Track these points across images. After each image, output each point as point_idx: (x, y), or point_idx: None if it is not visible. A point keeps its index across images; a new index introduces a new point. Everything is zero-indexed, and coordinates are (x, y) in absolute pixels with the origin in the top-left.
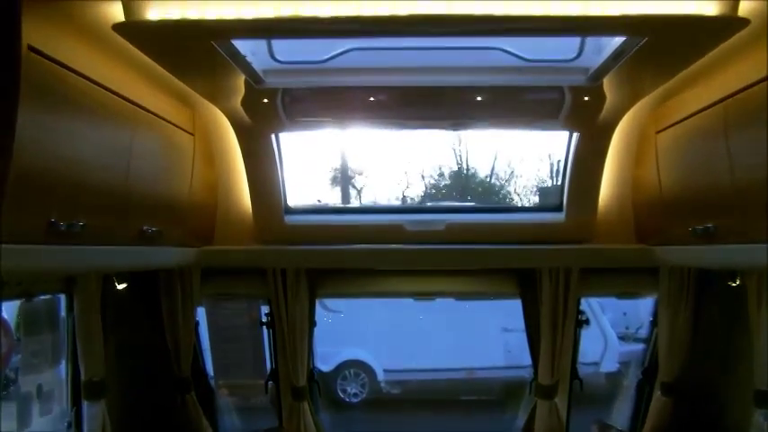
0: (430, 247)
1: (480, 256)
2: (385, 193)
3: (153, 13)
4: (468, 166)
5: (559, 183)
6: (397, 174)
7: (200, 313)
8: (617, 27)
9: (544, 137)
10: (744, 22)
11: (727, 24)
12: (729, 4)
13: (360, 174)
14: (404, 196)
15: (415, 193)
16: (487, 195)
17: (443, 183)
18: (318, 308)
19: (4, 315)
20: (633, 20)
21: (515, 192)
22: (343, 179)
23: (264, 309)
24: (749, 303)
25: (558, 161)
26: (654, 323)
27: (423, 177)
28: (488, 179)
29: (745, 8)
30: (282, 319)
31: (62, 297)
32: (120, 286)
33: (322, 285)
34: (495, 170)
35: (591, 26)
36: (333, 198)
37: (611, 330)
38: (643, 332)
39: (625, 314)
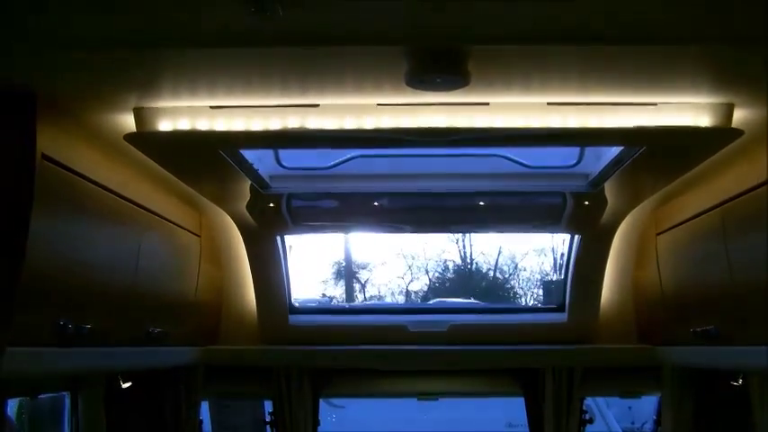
0: (433, 348)
1: (483, 356)
2: (389, 287)
3: (163, 125)
4: (472, 260)
5: (562, 276)
6: (401, 268)
7: (204, 410)
8: (614, 138)
9: None
10: (737, 132)
11: (721, 135)
12: (724, 114)
13: (363, 268)
14: (408, 291)
15: (419, 287)
16: (491, 291)
17: (448, 276)
18: (321, 403)
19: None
20: (630, 131)
21: (519, 286)
22: (347, 273)
23: (268, 407)
24: (752, 403)
25: (562, 254)
26: (657, 421)
27: (427, 272)
28: (492, 273)
29: (739, 118)
30: (286, 419)
31: (66, 395)
32: (125, 385)
33: (326, 385)
34: (500, 264)
35: (589, 137)
36: (337, 291)
37: (617, 425)
38: (648, 427)
39: (630, 408)
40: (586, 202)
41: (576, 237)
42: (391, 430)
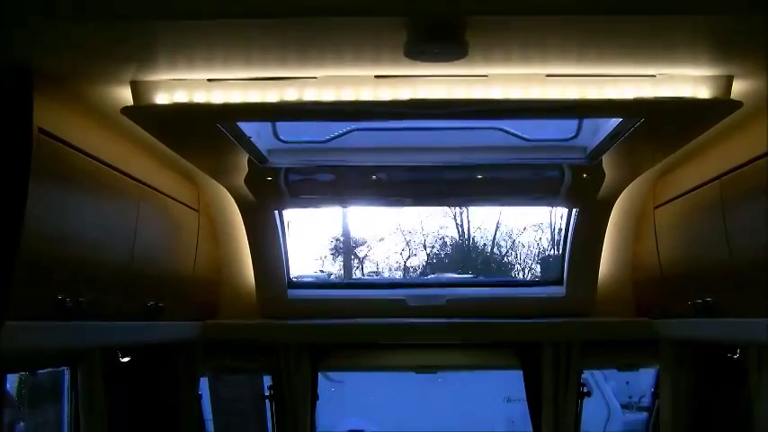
0: (431, 322)
1: (481, 330)
2: (387, 262)
3: (160, 98)
4: (469, 236)
5: (560, 252)
6: (399, 244)
7: (203, 385)
8: (613, 109)
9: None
10: (736, 104)
11: (720, 106)
12: (723, 86)
13: (362, 244)
14: (406, 266)
15: (417, 263)
16: (489, 266)
17: (445, 253)
18: (320, 378)
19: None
20: (629, 103)
21: (517, 262)
22: (346, 249)
23: (267, 381)
24: (749, 376)
25: (559, 229)
26: (655, 394)
27: (425, 248)
28: (490, 249)
29: (738, 89)
30: (285, 393)
31: (66, 370)
32: (124, 360)
33: (324, 359)
34: (497, 240)
35: (588, 109)
36: (335, 268)
37: (615, 399)
38: (646, 401)
39: (628, 383)
40: (584, 175)
41: (574, 210)
42: (389, 404)
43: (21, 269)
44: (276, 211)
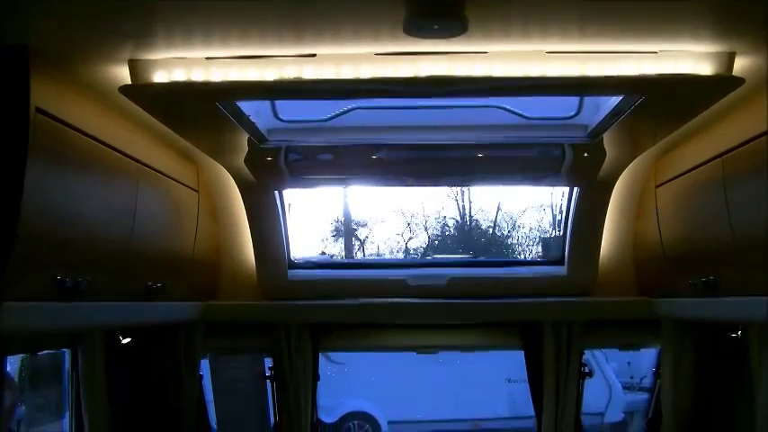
0: (432, 302)
1: (482, 310)
2: (388, 244)
3: (158, 76)
4: (471, 217)
5: (561, 233)
6: (400, 225)
7: (204, 366)
8: (614, 87)
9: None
10: (738, 81)
11: (722, 83)
12: (725, 63)
13: (363, 226)
14: (407, 248)
15: (418, 244)
16: (490, 248)
17: (447, 234)
18: (321, 359)
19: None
20: (630, 80)
21: (518, 243)
22: (346, 231)
23: (268, 362)
24: (751, 355)
25: (561, 210)
26: (657, 374)
27: (426, 229)
28: (491, 230)
29: (740, 66)
30: (286, 374)
31: (66, 352)
32: (125, 341)
33: (325, 340)
34: (498, 221)
35: (589, 86)
36: (335, 249)
37: (616, 380)
38: (647, 381)
39: (629, 364)
40: (585, 154)
41: (576, 189)
42: (390, 385)
43: (19, 250)
44: (276, 191)
